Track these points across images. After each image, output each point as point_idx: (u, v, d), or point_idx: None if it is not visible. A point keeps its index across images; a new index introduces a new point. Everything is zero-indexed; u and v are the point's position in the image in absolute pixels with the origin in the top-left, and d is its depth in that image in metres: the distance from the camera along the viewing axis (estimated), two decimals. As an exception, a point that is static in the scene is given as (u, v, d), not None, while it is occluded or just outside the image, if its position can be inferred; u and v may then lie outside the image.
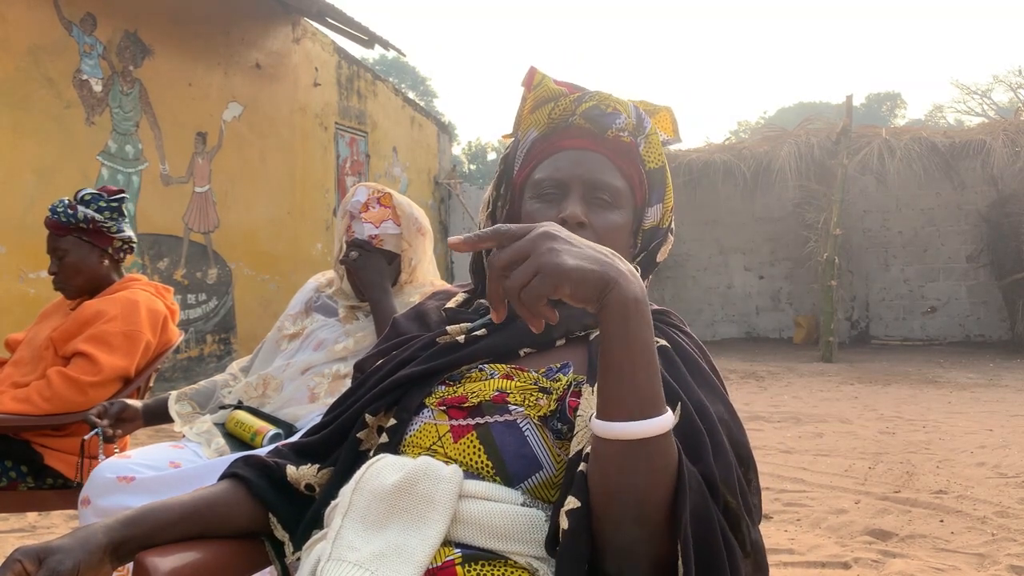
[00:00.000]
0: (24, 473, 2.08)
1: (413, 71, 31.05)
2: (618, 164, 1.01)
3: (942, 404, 5.59)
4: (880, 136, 9.06)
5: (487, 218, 1.10)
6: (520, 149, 1.06)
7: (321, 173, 8.66)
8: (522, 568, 0.78)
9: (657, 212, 1.04)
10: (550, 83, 1.03)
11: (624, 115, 1.01)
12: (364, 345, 1.80)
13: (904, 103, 33.33)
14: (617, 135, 1.01)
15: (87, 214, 2.16)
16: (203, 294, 6.96)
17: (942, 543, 2.66)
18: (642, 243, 1.05)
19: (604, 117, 1.00)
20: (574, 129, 1.02)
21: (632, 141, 1.02)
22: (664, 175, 1.04)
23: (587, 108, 1.01)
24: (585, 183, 0.99)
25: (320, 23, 8.27)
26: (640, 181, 1.03)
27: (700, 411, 0.83)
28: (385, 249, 1.86)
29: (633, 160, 1.02)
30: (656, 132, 1.04)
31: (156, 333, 2.22)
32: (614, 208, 1.00)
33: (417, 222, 1.90)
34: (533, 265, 0.66)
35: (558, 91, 1.03)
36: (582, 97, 1.02)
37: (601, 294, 0.68)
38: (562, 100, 1.02)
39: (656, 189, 1.04)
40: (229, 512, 0.95)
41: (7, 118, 5.24)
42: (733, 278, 11.00)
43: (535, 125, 1.04)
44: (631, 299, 0.68)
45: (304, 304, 1.97)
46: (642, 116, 1.03)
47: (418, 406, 0.95)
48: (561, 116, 1.02)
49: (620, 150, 1.02)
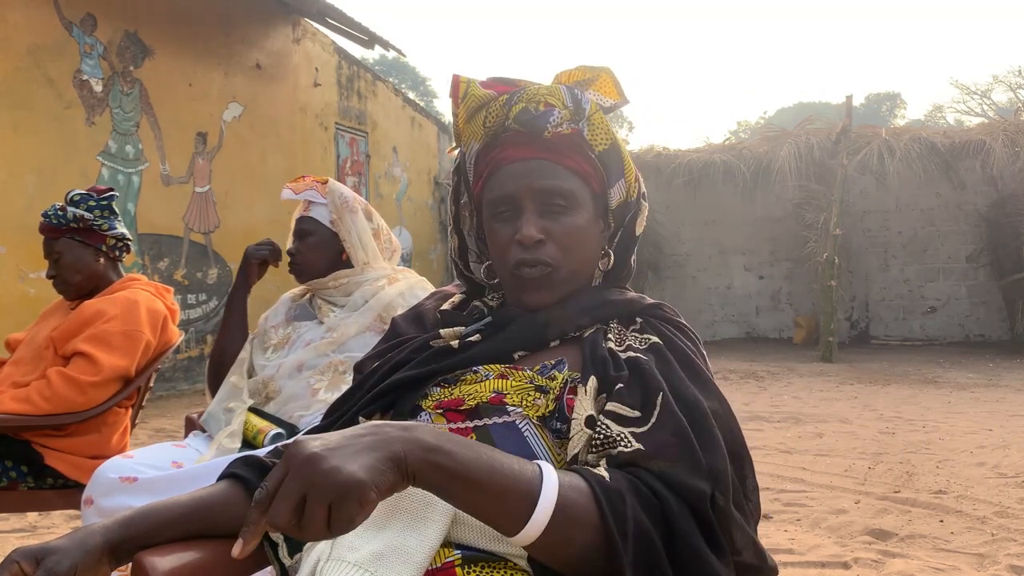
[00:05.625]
0: (24, 473, 2.08)
1: (413, 71, 31.06)
2: (565, 163, 0.97)
3: (942, 404, 5.59)
4: (880, 136, 9.06)
5: (452, 233, 1.10)
6: (468, 161, 1.05)
7: (321, 173, 8.56)
8: (522, 570, 0.79)
9: (621, 188, 1.01)
10: (476, 89, 0.99)
11: (558, 108, 0.96)
12: (348, 334, 1.84)
13: (904, 103, 33.36)
14: (555, 132, 0.96)
15: (76, 213, 2.18)
16: (203, 294, 6.97)
17: (942, 543, 2.66)
18: (615, 222, 1.04)
19: (537, 119, 0.95)
20: (511, 135, 0.98)
21: (574, 129, 0.98)
22: (618, 151, 1.00)
23: (518, 112, 0.96)
24: (535, 194, 0.96)
25: (320, 23, 8.28)
26: (593, 168, 1.00)
27: (693, 406, 0.84)
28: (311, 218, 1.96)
29: (580, 150, 0.99)
30: (597, 111, 0.99)
31: (156, 333, 2.22)
32: (571, 210, 0.97)
33: (343, 198, 1.95)
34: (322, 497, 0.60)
35: (487, 96, 0.99)
36: (511, 99, 0.98)
37: (404, 472, 0.65)
38: (492, 105, 0.99)
39: (612, 168, 1.01)
40: (227, 512, 0.95)
41: (7, 118, 5.24)
42: (733, 278, 11.00)
43: (473, 136, 1.02)
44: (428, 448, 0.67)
45: (284, 316, 2.01)
46: (578, 99, 0.97)
47: (413, 409, 0.96)
48: (496, 123, 0.99)
49: (563, 146, 0.97)
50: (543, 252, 0.96)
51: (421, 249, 10.92)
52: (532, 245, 0.96)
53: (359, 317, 1.85)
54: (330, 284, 1.93)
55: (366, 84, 9.67)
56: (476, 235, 1.09)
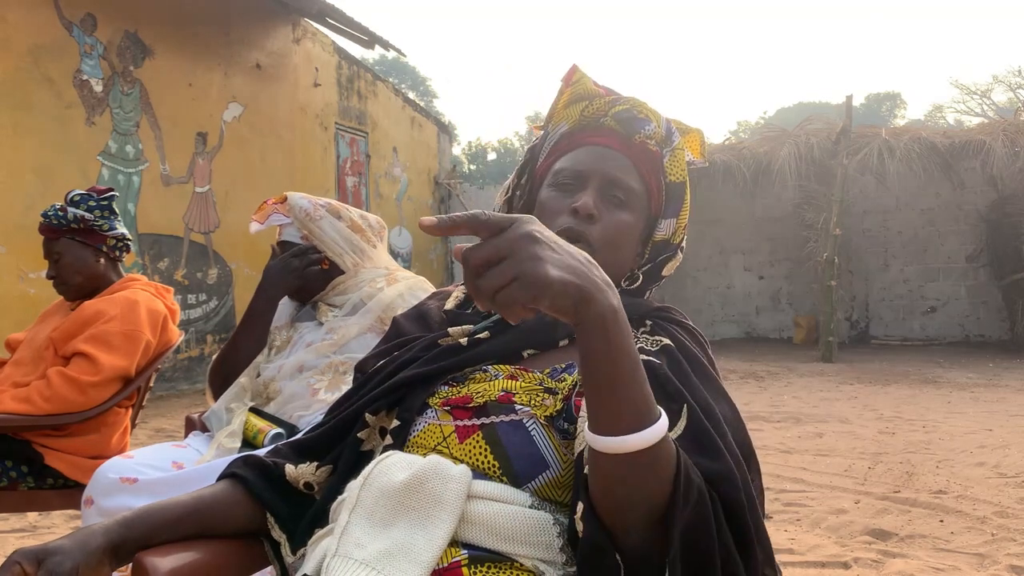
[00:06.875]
0: (24, 473, 2.08)
1: (413, 71, 31.03)
2: (640, 168, 1.03)
3: (942, 404, 5.59)
4: (880, 136, 9.06)
5: (504, 203, 1.12)
6: (548, 141, 1.08)
7: (321, 173, 8.66)
8: (528, 571, 0.78)
9: (670, 226, 1.05)
10: (588, 82, 1.05)
11: (654, 124, 1.02)
12: (349, 335, 1.82)
13: (904, 103, 33.34)
14: (644, 141, 1.02)
15: (77, 214, 2.18)
16: (203, 294, 6.97)
17: (942, 543, 2.66)
18: (651, 254, 1.05)
19: (634, 122, 1.02)
20: (603, 128, 1.04)
21: (658, 151, 1.03)
22: (683, 191, 1.05)
23: (620, 111, 1.03)
24: (603, 178, 1.00)
25: (320, 23, 8.28)
26: (659, 190, 1.04)
27: (706, 411, 0.83)
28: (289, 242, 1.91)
29: (655, 168, 1.04)
30: (683, 149, 1.05)
31: (156, 333, 2.22)
32: (627, 208, 1.01)
33: (303, 211, 1.89)
34: (512, 270, 0.61)
35: (594, 91, 1.05)
36: (616, 100, 1.04)
37: (579, 307, 0.64)
38: (597, 100, 1.05)
39: (673, 203, 1.04)
40: (228, 512, 0.95)
41: (7, 118, 5.24)
42: (733, 278, 11.00)
43: (567, 120, 1.06)
44: (609, 311, 0.65)
45: (287, 318, 2.00)
46: (672, 130, 1.04)
47: (421, 406, 0.95)
48: (593, 115, 1.05)
49: (644, 156, 1.03)
50: (590, 229, 0.98)
51: (421, 249, 10.92)
52: (584, 217, 0.97)
53: (359, 319, 1.85)
54: (330, 293, 1.93)
55: (366, 84, 9.67)
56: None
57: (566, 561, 0.80)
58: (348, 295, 1.91)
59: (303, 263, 1.87)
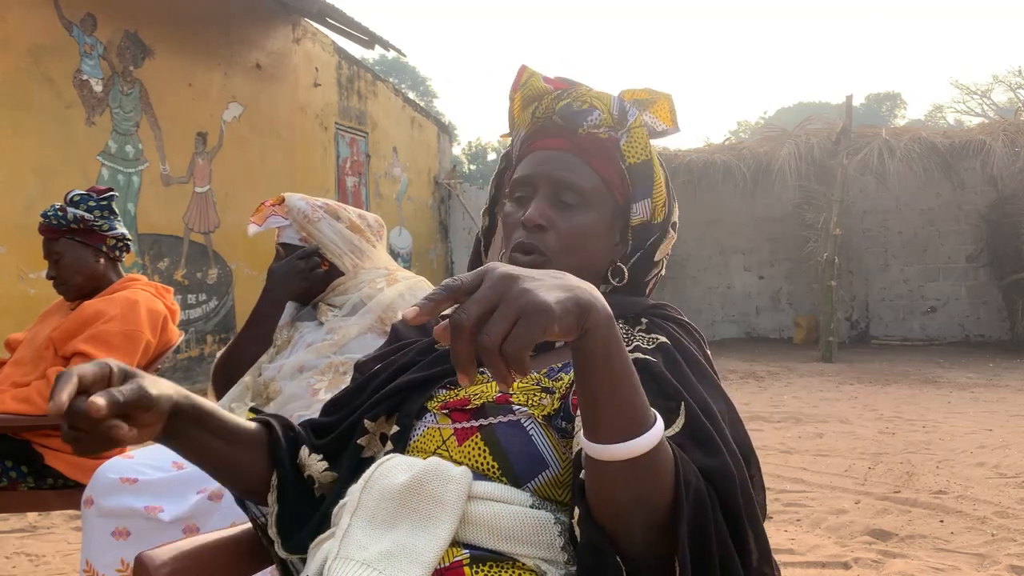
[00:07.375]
0: (24, 473, 2.08)
1: (413, 71, 31.04)
2: (592, 163, 0.99)
3: (942, 404, 5.59)
4: (880, 136, 9.06)
5: (485, 213, 1.12)
6: (514, 148, 1.08)
7: (321, 173, 8.67)
8: (530, 570, 0.78)
9: (645, 208, 1.02)
10: (537, 81, 1.03)
11: (599, 111, 0.99)
12: (349, 335, 1.82)
13: (904, 103, 33.35)
14: (590, 132, 0.99)
15: (77, 214, 2.18)
16: (203, 294, 6.97)
17: (942, 543, 2.66)
18: (634, 241, 1.03)
19: (576, 115, 0.99)
20: (551, 128, 1.01)
21: (611, 136, 1.00)
22: (650, 169, 1.01)
23: (562, 106, 1.00)
24: (549, 184, 0.98)
25: (320, 23, 8.28)
26: (620, 178, 1.01)
27: (704, 408, 0.82)
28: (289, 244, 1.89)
29: (611, 157, 1.00)
30: (641, 125, 1.01)
31: (156, 333, 2.22)
32: (581, 210, 0.98)
33: (301, 212, 1.88)
34: (511, 311, 0.58)
35: (543, 89, 1.02)
36: (561, 94, 1.01)
37: (582, 319, 0.62)
38: (545, 98, 1.02)
39: (641, 184, 1.01)
40: (248, 449, 0.95)
41: (7, 118, 5.24)
42: (733, 278, 11.00)
43: (523, 124, 1.05)
44: (607, 317, 0.64)
45: (289, 317, 1.99)
46: (625, 110, 1.00)
47: (420, 411, 0.95)
48: (544, 115, 1.02)
49: (595, 148, 1.00)
50: (541, 240, 0.97)
51: (421, 249, 10.93)
52: (532, 229, 0.96)
53: (359, 319, 1.85)
54: (330, 293, 1.93)
55: (366, 84, 9.67)
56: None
57: (568, 560, 0.80)
58: (348, 295, 1.91)
59: (309, 265, 1.86)
